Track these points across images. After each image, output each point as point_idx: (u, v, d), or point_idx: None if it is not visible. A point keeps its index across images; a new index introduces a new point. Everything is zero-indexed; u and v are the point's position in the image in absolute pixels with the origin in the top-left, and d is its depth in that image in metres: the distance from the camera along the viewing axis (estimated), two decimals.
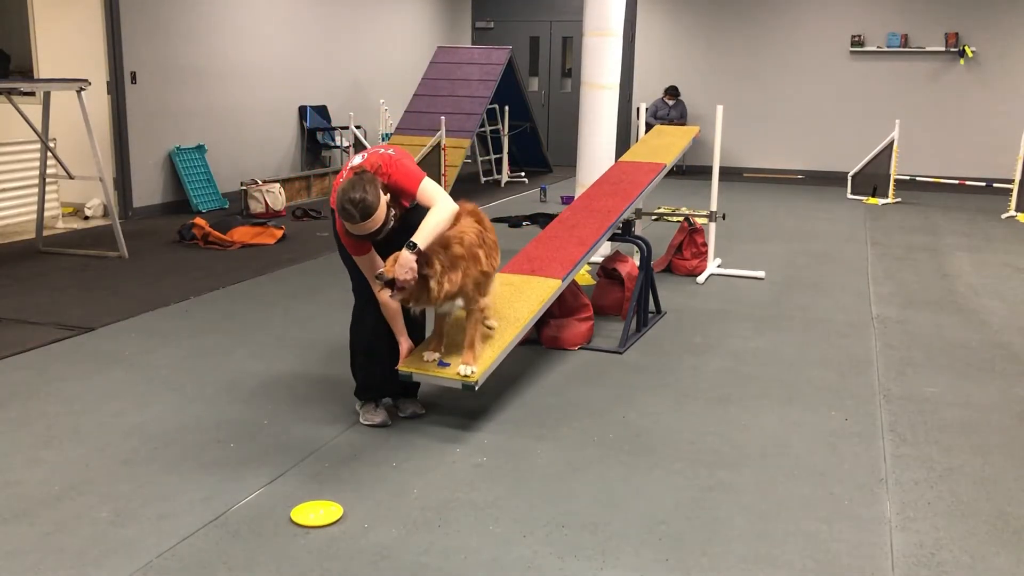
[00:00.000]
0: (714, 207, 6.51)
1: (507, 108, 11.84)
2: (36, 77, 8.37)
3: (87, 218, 8.42)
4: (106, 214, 8.35)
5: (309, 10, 10.81)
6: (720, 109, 6.33)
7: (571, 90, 14.34)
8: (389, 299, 3.49)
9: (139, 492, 3.09)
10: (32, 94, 7.97)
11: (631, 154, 5.91)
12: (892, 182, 10.48)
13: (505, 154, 11.92)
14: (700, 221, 6.67)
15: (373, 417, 3.70)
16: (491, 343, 3.78)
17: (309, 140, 10.93)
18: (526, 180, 12.19)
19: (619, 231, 5.25)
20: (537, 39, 14.53)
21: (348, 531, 2.85)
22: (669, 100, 13.13)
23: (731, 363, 4.57)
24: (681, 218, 7.14)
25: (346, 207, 3.23)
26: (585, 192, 5.39)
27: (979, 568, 2.69)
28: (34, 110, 7.37)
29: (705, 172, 12.99)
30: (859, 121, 12.91)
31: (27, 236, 7.46)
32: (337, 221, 3.43)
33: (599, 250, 5.81)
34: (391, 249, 3.39)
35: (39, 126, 6.75)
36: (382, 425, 3.68)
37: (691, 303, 5.77)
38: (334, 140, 11.19)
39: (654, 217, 8.48)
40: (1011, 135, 12.17)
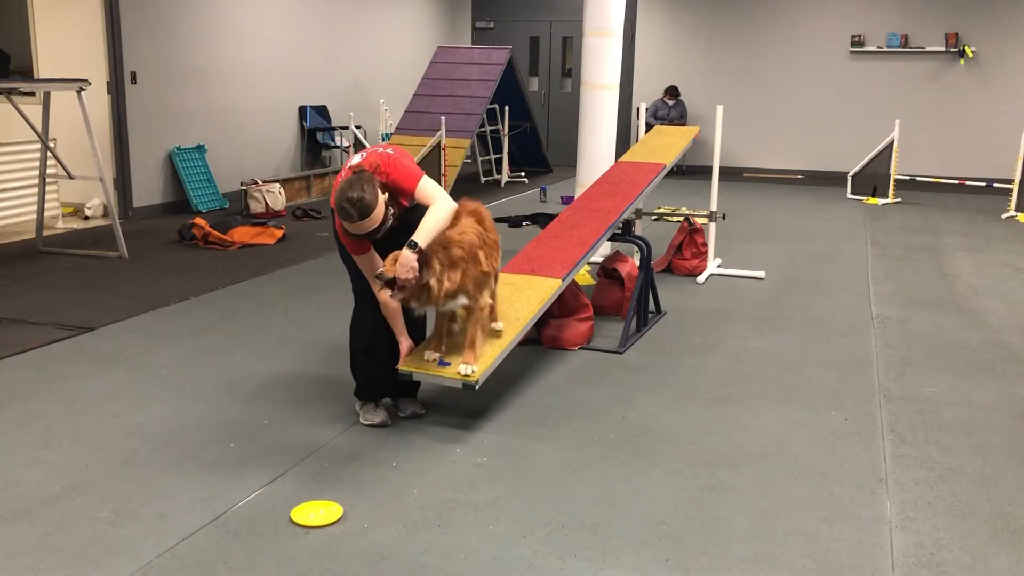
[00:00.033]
0: (714, 207, 6.51)
1: (507, 108, 11.84)
2: (36, 77, 8.37)
3: (87, 218, 8.42)
4: (106, 214, 8.36)
5: (309, 10, 10.81)
6: (720, 109, 6.33)
7: (571, 90, 14.34)
8: (389, 299, 3.49)
9: (139, 492, 3.09)
10: (32, 94, 7.98)
11: (631, 154, 5.91)
12: (892, 182, 10.48)
13: (505, 154, 11.92)
14: (700, 221, 6.67)
15: (373, 417, 3.70)
16: (491, 343, 3.78)
17: (309, 140, 10.93)
18: (526, 180, 12.20)
19: (619, 231, 5.25)
20: (537, 39, 14.53)
21: (348, 531, 2.85)
22: (669, 100, 13.13)
23: (731, 363, 4.57)
24: (681, 218, 7.14)
25: (344, 206, 3.23)
26: (585, 192, 5.39)
27: (979, 568, 2.69)
28: (34, 110, 7.37)
29: (705, 172, 13.00)
30: (859, 121, 12.91)
31: (27, 236, 7.46)
32: (337, 221, 3.44)
33: (599, 250, 5.81)
34: (390, 248, 3.39)
35: (39, 126, 6.75)
36: (382, 425, 3.69)
37: (691, 303, 5.77)
38: (334, 140, 11.19)
39: (654, 217, 8.49)
40: (1011, 135, 12.17)
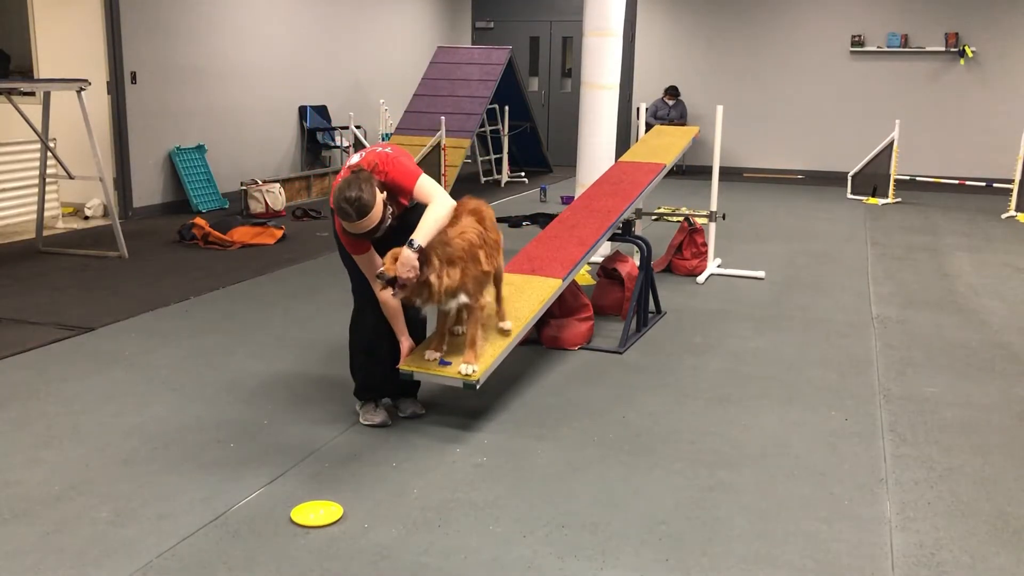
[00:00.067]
0: (714, 207, 6.51)
1: (507, 108, 11.84)
2: (36, 77, 8.37)
3: (87, 218, 8.42)
4: (106, 214, 8.35)
5: (309, 10, 10.81)
6: (720, 109, 6.33)
7: (571, 90, 14.34)
8: (390, 298, 3.50)
9: (139, 492, 3.09)
10: (32, 94, 7.98)
11: (631, 154, 5.91)
12: (892, 182, 10.48)
13: (505, 154, 11.92)
14: (700, 221, 6.67)
15: (373, 417, 3.70)
16: (492, 342, 3.78)
17: (309, 140, 10.93)
18: (526, 180, 12.20)
19: (619, 231, 5.25)
20: (537, 39, 14.52)
21: (348, 531, 2.85)
22: (669, 100, 13.13)
23: (731, 363, 4.57)
24: (681, 218, 7.14)
25: (342, 205, 3.24)
26: (585, 192, 5.39)
27: (979, 568, 2.69)
28: (34, 110, 7.37)
29: (705, 172, 13.00)
30: (859, 121, 12.91)
31: (27, 236, 7.46)
32: (336, 220, 3.44)
33: (599, 250, 5.81)
34: (390, 248, 3.39)
35: (39, 126, 6.75)
36: (382, 425, 3.68)
37: (691, 303, 5.77)
38: (334, 140, 11.19)
39: (654, 217, 8.48)
40: (1011, 135, 12.17)
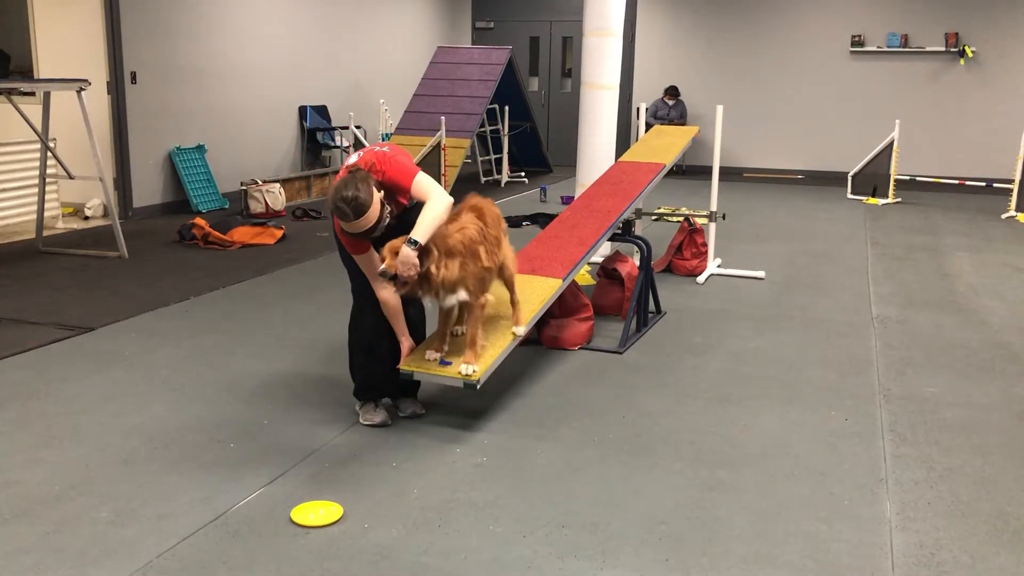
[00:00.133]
0: (714, 207, 6.51)
1: (507, 108, 11.84)
2: (36, 77, 8.37)
3: (87, 218, 8.42)
4: (106, 214, 8.35)
5: (309, 10, 10.81)
6: (720, 109, 6.33)
7: (571, 90, 14.34)
8: (390, 298, 3.51)
9: (139, 492, 3.09)
10: (32, 94, 7.98)
11: (631, 154, 5.91)
12: (892, 182, 10.48)
13: (505, 154, 11.92)
14: (700, 221, 6.67)
15: (373, 417, 3.70)
16: (493, 343, 3.78)
17: (309, 140, 10.93)
18: (526, 180, 12.20)
19: (619, 231, 5.25)
20: (537, 39, 14.52)
21: (348, 531, 2.85)
22: (669, 100, 13.13)
23: (731, 363, 4.57)
24: (681, 218, 7.14)
25: (339, 205, 3.24)
26: (585, 192, 5.39)
27: (979, 568, 2.69)
28: (34, 110, 7.37)
29: (705, 172, 13.00)
30: (859, 121, 12.91)
31: (27, 236, 7.46)
32: (336, 220, 3.44)
33: (599, 250, 5.81)
34: None
35: (39, 126, 6.75)
36: (382, 425, 3.69)
37: (691, 303, 5.77)
38: (334, 140, 11.19)
39: (654, 217, 8.48)
40: (1011, 135, 12.17)
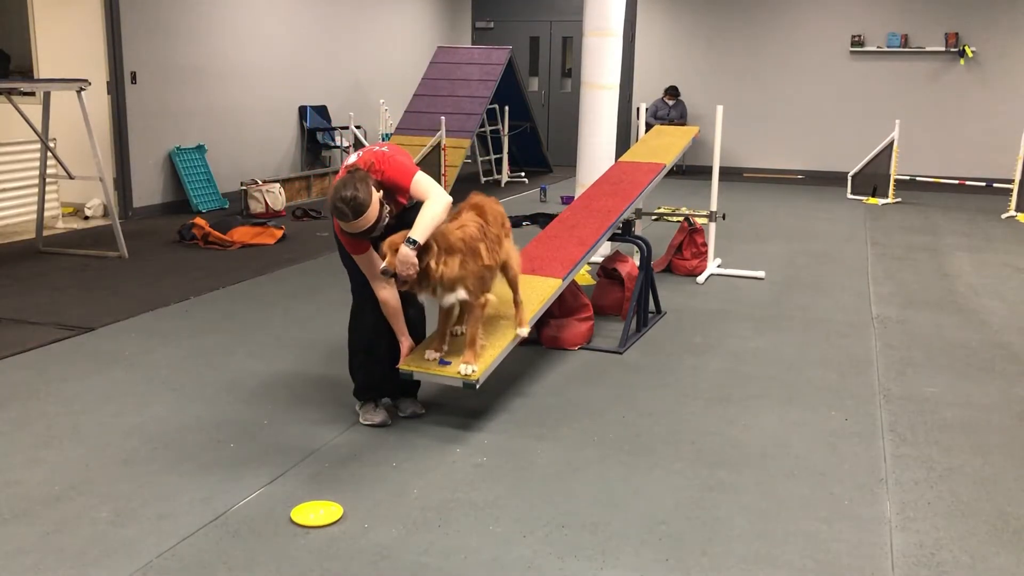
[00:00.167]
0: (714, 207, 6.51)
1: (507, 108, 11.84)
2: (36, 77, 8.37)
3: (87, 218, 8.42)
4: (106, 214, 8.35)
5: (309, 10, 10.81)
6: (720, 109, 6.33)
7: (571, 90, 14.34)
8: (390, 298, 3.51)
9: (139, 492, 3.09)
10: (32, 94, 7.98)
11: (631, 154, 5.91)
12: (892, 182, 10.48)
13: (505, 154, 11.92)
14: (700, 221, 6.67)
15: (373, 417, 3.70)
16: (492, 342, 3.78)
17: (309, 140, 10.93)
18: (526, 180, 12.19)
19: (619, 231, 5.25)
20: (537, 39, 14.52)
21: (348, 531, 2.85)
22: (669, 100, 13.13)
23: (731, 363, 4.57)
24: (681, 218, 7.14)
25: (338, 205, 3.24)
26: (585, 192, 5.39)
27: (979, 568, 2.69)
28: (34, 110, 7.37)
29: (705, 172, 13.00)
30: (859, 121, 12.91)
31: (27, 236, 7.46)
32: (335, 220, 3.44)
33: (599, 250, 5.81)
34: None
35: (39, 126, 6.75)
36: (382, 425, 3.69)
37: (691, 303, 5.77)
38: (334, 140, 11.19)
39: (654, 217, 8.48)
40: (1011, 135, 12.17)
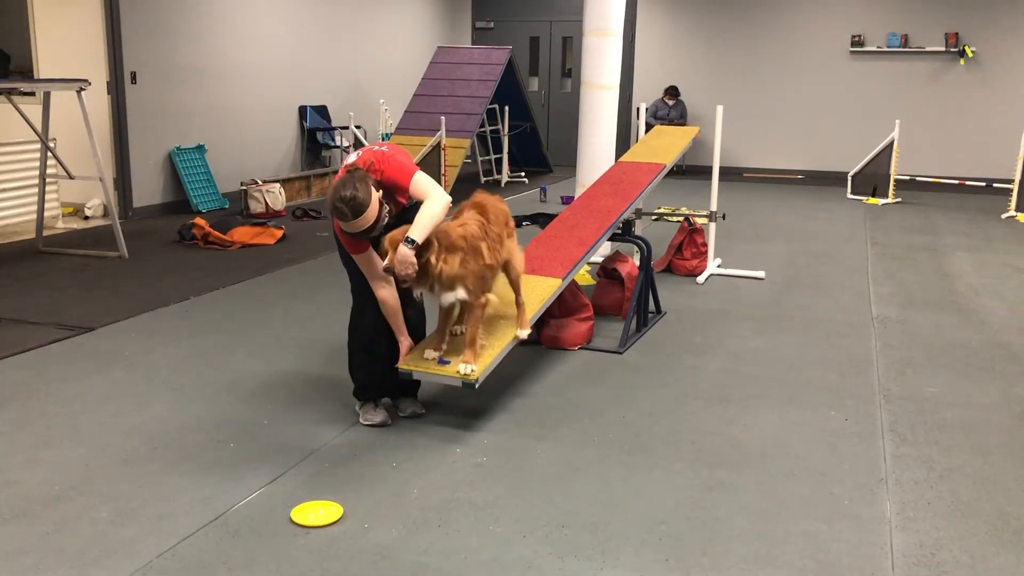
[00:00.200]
0: (714, 207, 6.51)
1: (507, 108, 11.84)
2: (36, 77, 8.37)
3: (87, 218, 8.42)
4: (106, 214, 8.35)
5: (309, 10, 10.81)
6: (720, 109, 6.33)
7: (571, 90, 14.34)
8: (389, 297, 3.51)
9: (139, 492, 3.09)
10: (32, 94, 7.97)
11: (631, 154, 5.90)
12: (892, 182, 10.48)
13: (505, 154, 11.92)
14: (700, 221, 6.67)
15: (373, 417, 3.70)
16: (492, 342, 3.77)
17: (309, 140, 10.93)
18: (526, 180, 12.19)
19: (619, 231, 5.25)
20: (537, 39, 14.52)
21: (348, 531, 2.85)
22: (669, 100, 13.13)
23: (731, 363, 4.57)
24: (681, 218, 7.14)
25: (337, 205, 3.25)
26: (585, 192, 5.39)
27: (979, 568, 2.69)
28: (34, 110, 7.37)
29: (705, 172, 12.99)
30: (859, 121, 12.91)
31: (27, 236, 7.46)
32: (335, 220, 3.44)
33: (599, 250, 5.81)
34: None
35: (39, 126, 6.75)
36: (382, 425, 3.69)
37: (691, 303, 5.77)
38: (334, 140, 11.19)
39: (654, 217, 8.48)
40: (1011, 135, 12.17)
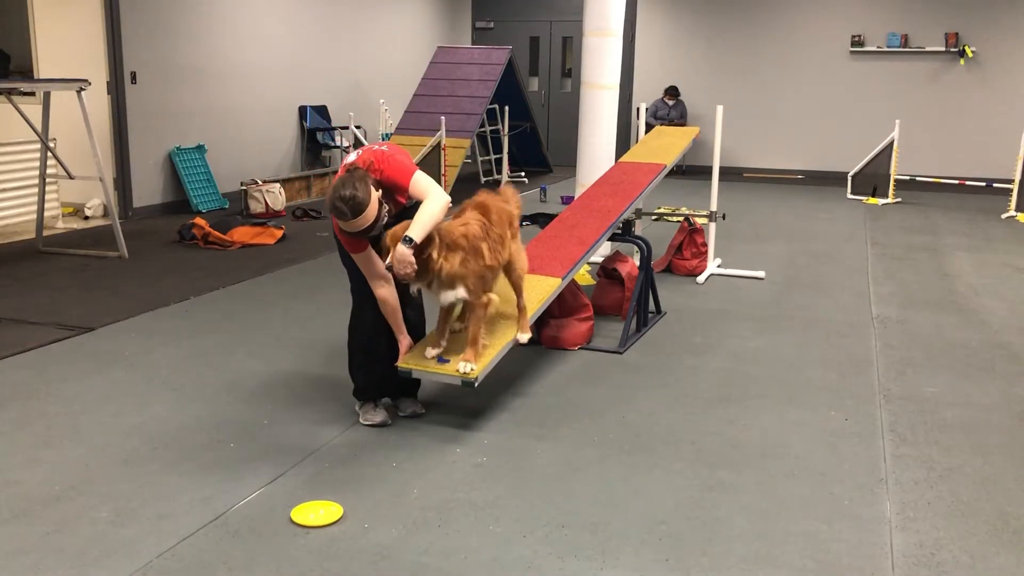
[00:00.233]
0: (714, 207, 6.51)
1: (507, 108, 11.83)
2: (36, 77, 8.37)
3: (87, 218, 8.42)
4: (106, 214, 8.35)
5: (309, 10, 10.81)
6: (720, 109, 6.33)
7: (571, 90, 14.34)
8: (388, 295, 3.53)
9: (139, 492, 3.09)
10: (32, 94, 7.97)
11: (631, 155, 5.91)
12: (892, 182, 10.48)
13: (505, 154, 11.91)
14: (700, 221, 6.67)
15: (373, 417, 3.70)
16: (492, 341, 3.77)
17: (309, 140, 10.93)
18: (526, 180, 12.19)
19: (619, 231, 5.25)
20: (537, 39, 14.52)
21: (348, 531, 2.85)
22: (669, 100, 13.13)
23: (731, 363, 4.57)
24: (681, 218, 7.14)
25: (337, 204, 3.25)
26: (585, 192, 5.39)
27: (979, 568, 2.69)
28: (34, 110, 7.37)
29: (705, 172, 12.99)
30: (859, 121, 12.91)
31: (27, 236, 7.46)
32: (334, 219, 3.44)
33: (599, 250, 5.81)
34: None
35: (39, 126, 6.75)
36: (382, 425, 3.68)
37: (691, 303, 5.77)
38: (334, 140, 11.19)
39: (654, 217, 8.48)
40: (1011, 135, 12.17)
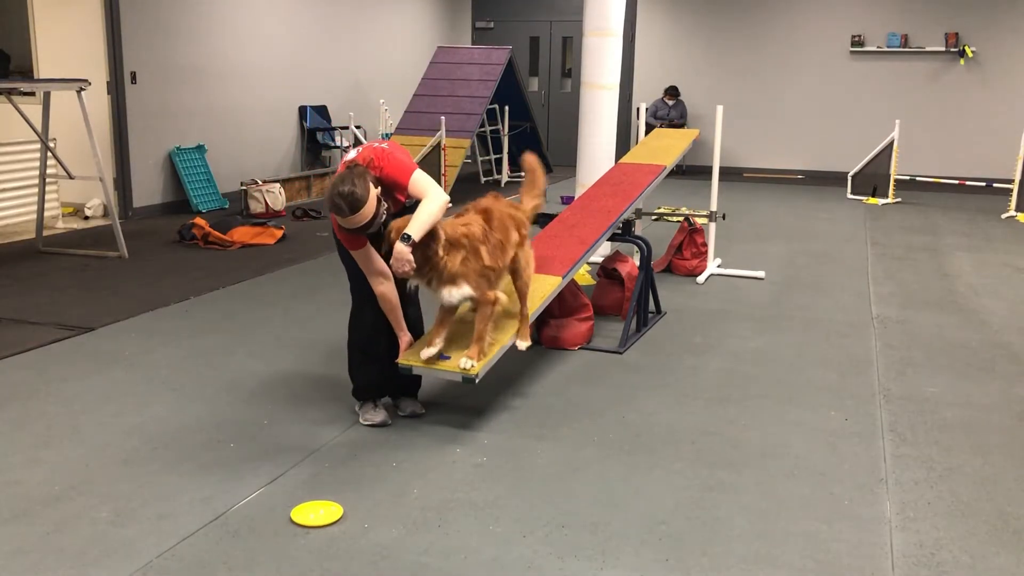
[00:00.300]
0: (714, 207, 6.51)
1: (507, 108, 11.84)
2: (36, 77, 8.37)
3: (87, 218, 8.42)
4: (106, 214, 8.35)
5: (309, 10, 10.81)
6: (720, 109, 6.33)
7: (571, 90, 14.33)
8: (388, 291, 3.54)
9: (139, 492, 3.09)
10: (32, 94, 7.97)
11: (631, 156, 5.90)
12: (892, 182, 10.48)
13: (505, 154, 11.92)
14: (700, 221, 6.67)
15: (373, 417, 3.70)
16: (496, 337, 3.75)
17: (309, 140, 10.93)
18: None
19: (619, 231, 5.25)
20: (537, 39, 14.52)
21: (348, 531, 2.85)
22: (669, 100, 13.13)
23: (731, 363, 4.57)
24: (681, 218, 7.14)
25: (335, 200, 3.25)
26: (585, 192, 5.39)
27: (979, 568, 2.69)
28: (34, 110, 7.37)
29: (705, 172, 12.99)
30: (859, 121, 12.91)
31: (27, 236, 7.46)
32: (334, 217, 3.44)
33: (599, 250, 5.81)
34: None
35: (39, 126, 6.75)
36: (382, 425, 3.68)
37: (691, 303, 5.77)
38: (334, 140, 11.19)
39: (654, 217, 8.48)
40: (1011, 135, 12.17)
